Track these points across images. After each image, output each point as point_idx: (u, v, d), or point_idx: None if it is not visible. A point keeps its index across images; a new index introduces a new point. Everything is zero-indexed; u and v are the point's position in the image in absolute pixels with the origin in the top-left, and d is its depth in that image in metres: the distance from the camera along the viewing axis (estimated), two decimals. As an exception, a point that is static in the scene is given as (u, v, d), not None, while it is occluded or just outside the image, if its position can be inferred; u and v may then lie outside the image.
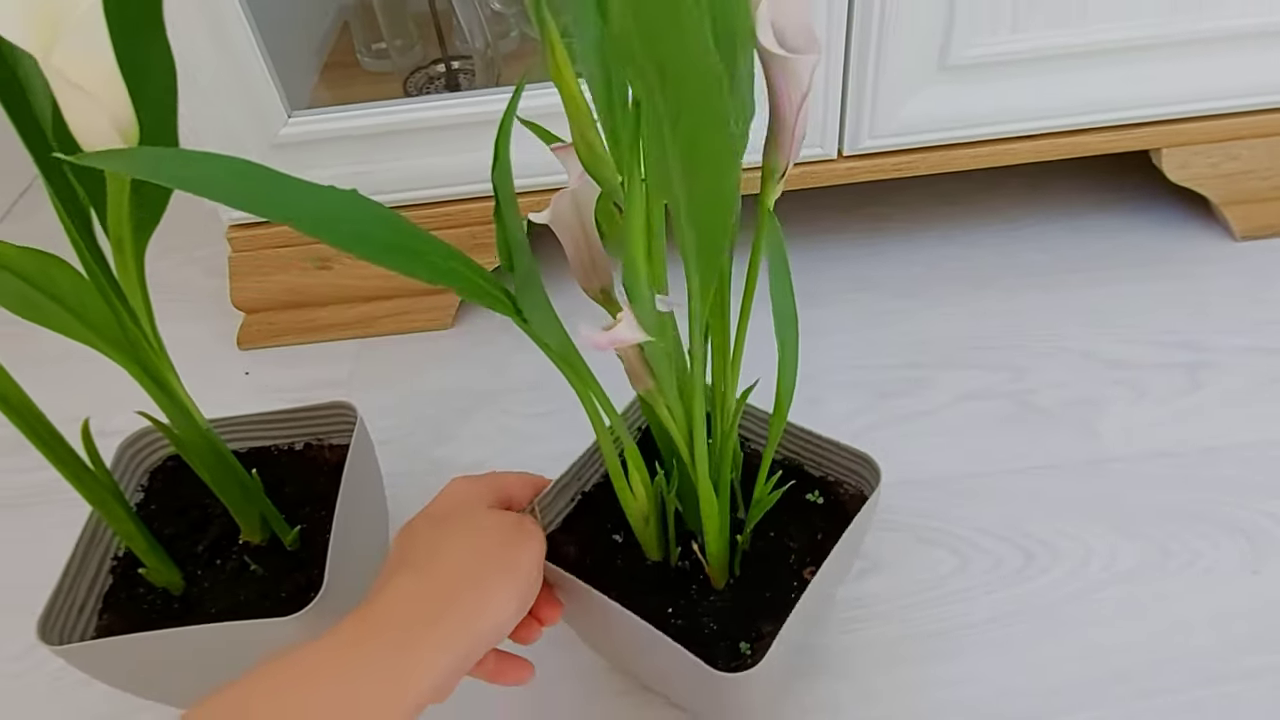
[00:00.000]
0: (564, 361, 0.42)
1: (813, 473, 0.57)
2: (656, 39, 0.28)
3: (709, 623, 0.50)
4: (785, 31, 0.33)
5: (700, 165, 0.32)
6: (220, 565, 0.55)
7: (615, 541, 0.55)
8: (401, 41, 0.93)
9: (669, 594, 0.51)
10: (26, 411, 0.43)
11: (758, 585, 0.52)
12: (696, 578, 0.52)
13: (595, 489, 0.57)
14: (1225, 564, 0.61)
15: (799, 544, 0.53)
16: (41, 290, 0.36)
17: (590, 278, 0.46)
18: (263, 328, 0.86)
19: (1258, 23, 0.72)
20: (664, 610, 0.51)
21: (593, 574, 0.48)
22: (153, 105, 0.35)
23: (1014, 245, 0.90)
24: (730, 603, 0.51)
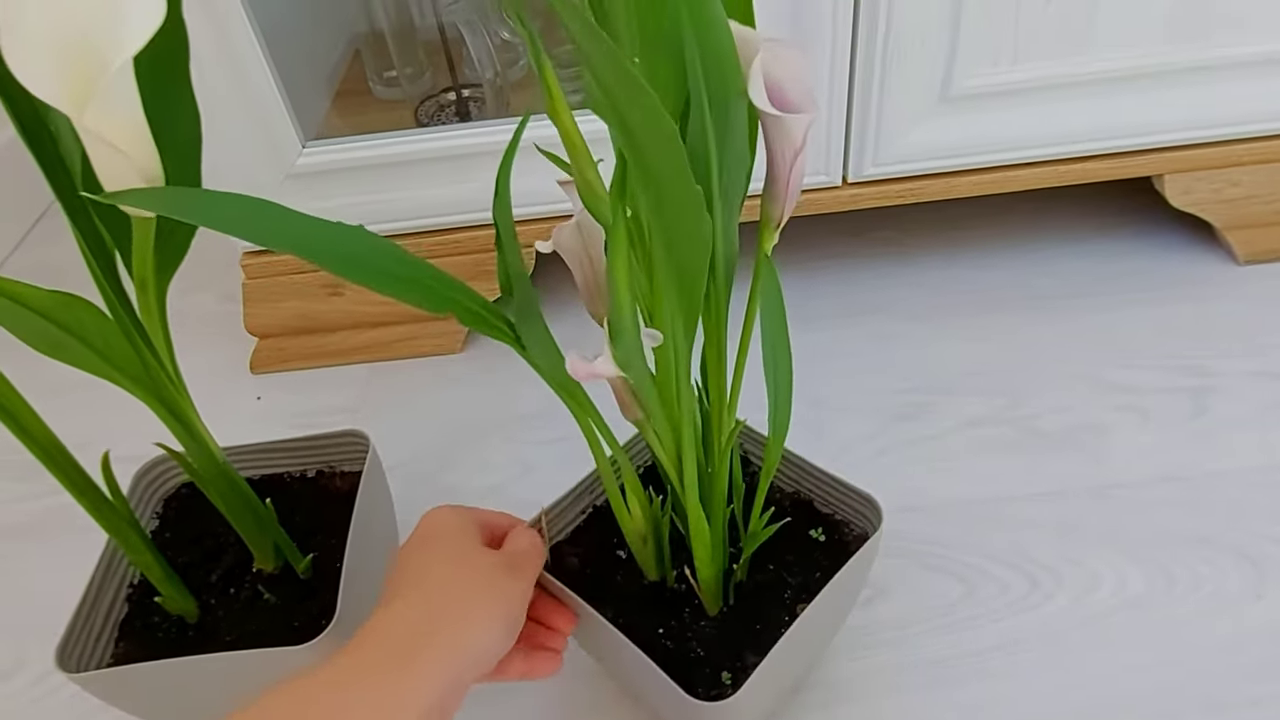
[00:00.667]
0: (562, 389, 0.44)
1: (821, 509, 0.57)
2: (615, 99, 0.30)
3: (696, 648, 0.51)
4: (784, 87, 0.33)
5: (671, 214, 0.34)
6: (234, 594, 0.56)
7: (619, 558, 0.56)
8: (412, 70, 0.94)
9: (662, 615, 0.52)
10: (47, 442, 0.44)
11: (749, 616, 0.52)
12: (691, 602, 0.53)
13: (607, 504, 0.58)
14: (1230, 590, 0.62)
15: (796, 580, 0.53)
16: (67, 330, 0.38)
17: (596, 303, 0.48)
18: (275, 353, 0.88)
19: (1258, 51, 0.73)
20: (655, 630, 0.51)
21: (592, 587, 0.49)
22: (178, 155, 0.36)
23: (1018, 269, 0.90)
24: (720, 631, 0.52)
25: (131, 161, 0.30)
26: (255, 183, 0.77)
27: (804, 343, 0.83)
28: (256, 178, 0.76)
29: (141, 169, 0.31)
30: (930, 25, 0.70)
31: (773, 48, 0.32)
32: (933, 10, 0.69)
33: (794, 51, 0.33)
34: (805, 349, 0.83)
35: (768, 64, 0.33)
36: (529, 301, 0.41)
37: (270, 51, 0.71)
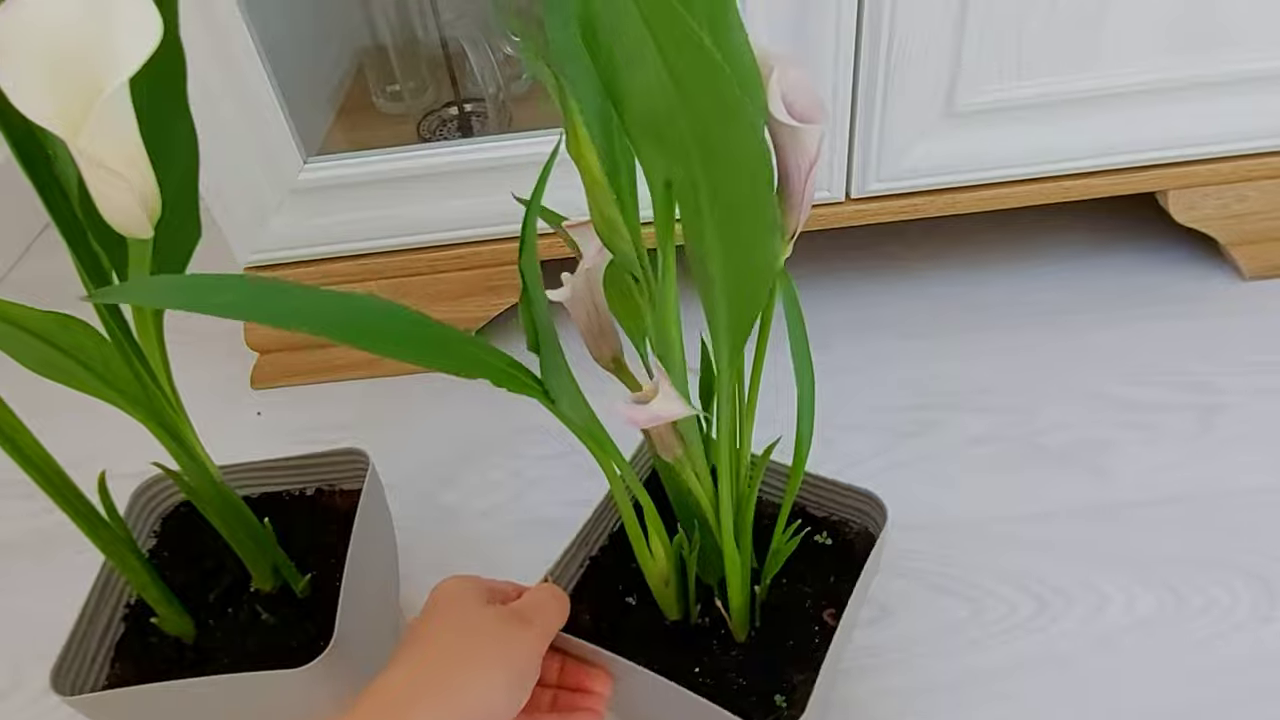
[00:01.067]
0: (589, 437, 0.43)
1: (816, 514, 0.57)
2: (702, 121, 0.29)
3: (736, 678, 0.50)
4: (794, 103, 0.33)
5: (739, 241, 0.33)
6: (232, 614, 0.55)
7: (629, 604, 0.54)
8: (415, 84, 0.94)
9: (692, 652, 0.51)
10: (43, 464, 0.44)
11: (779, 635, 0.52)
12: (717, 633, 0.52)
13: (602, 552, 0.57)
14: (1241, 611, 0.61)
15: (814, 588, 0.53)
16: (65, 352, 0.37)
17: (601, 346, 0.47)
18: (275, 368, 0.87)
19: (1264, 67, 0.72)
20: (689, 670, 0.50)
21: (611, 639, 0.48)
22: (175, 177, 0.36)
23: (1023, 284, 0.90)
24: (755, 655, 0.51)
25: (128, 183, 0.30)
26: (258, 198, 0.76)
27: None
28: (259, 193, 0.76)
29: (138, 191, 0.31)
30: (933, 41, 0.69)
31: (781, 64, 0.33)
32: (936, 26, 0.69)
33: (799, 68, 0.34)
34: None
35: (780, 79, 0.33)
36: (555, 355, 0.40)
37: (272, 66, 0.71)
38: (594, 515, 0.57)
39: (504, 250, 0.82)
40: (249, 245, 0.80)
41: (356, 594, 0.53)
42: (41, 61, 0.27)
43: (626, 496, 0.46)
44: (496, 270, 0.82)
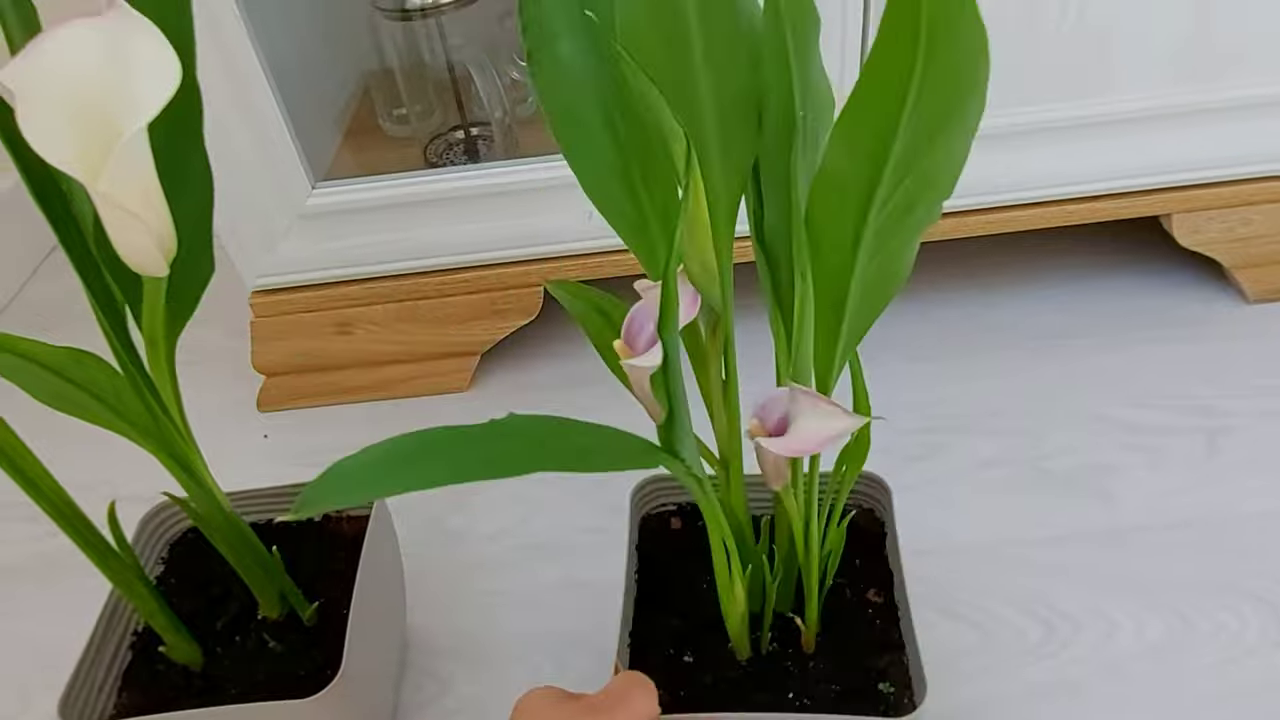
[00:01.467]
0: (697, 483, 0.41)
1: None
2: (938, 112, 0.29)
3: (829, 686, 0.49)
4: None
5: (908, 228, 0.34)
6: (239, 642, 0.55)
7: (687, 663, 0.52)
8: (421, 107, 0.95)
9: (777, 682, 0.50)
10: (53, 494, 0.44)
11: (843, 631, 0.52)
12: (787, 655, 0.51)
13: (636, 623, 0.54)
14: (1251, 637, 0.61)
15: (846, 577, 0.54)
16: (78, 385, 0.37)
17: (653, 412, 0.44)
18: (282, 391, 0.87)
19: (1266, 93, 0.73)
20: (785, 698, 0.49)
21: (696, 705, 0.47)
22: (189, 215, 0.36)
23: (1029, 307, 0.90)
24: (832, 659, 0.51)
25: (145, 224, 0.30)
26: (266, 223, 0.77)
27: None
28: (267, 217, 0.77)
29: (155, 232, 0.31)
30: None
31: None
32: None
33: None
34: (814, 388, 0.83)
35: None
36: (685, 423, 0.39)
37: (281, 91, 0.72)
38: (627, 590, 0.54)
39: (510, 274, 0.82)
40: (257, 269, 0.80)
41: (364, 623, 0.53)
42: (61, 107, 0.28)
43: (721, 542, 0.45)
44: (502, 294, 0.83)
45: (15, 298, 1.10)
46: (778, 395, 0.38)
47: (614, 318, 0.46)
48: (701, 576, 0.55)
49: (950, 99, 0.29)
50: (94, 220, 0.33)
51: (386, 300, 0.83)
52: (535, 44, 0.35)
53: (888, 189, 0.32)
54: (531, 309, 0.84)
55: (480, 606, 0.69)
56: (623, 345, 0.39)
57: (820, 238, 0.35)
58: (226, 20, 0.66)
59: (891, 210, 0.32)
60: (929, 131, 0.30)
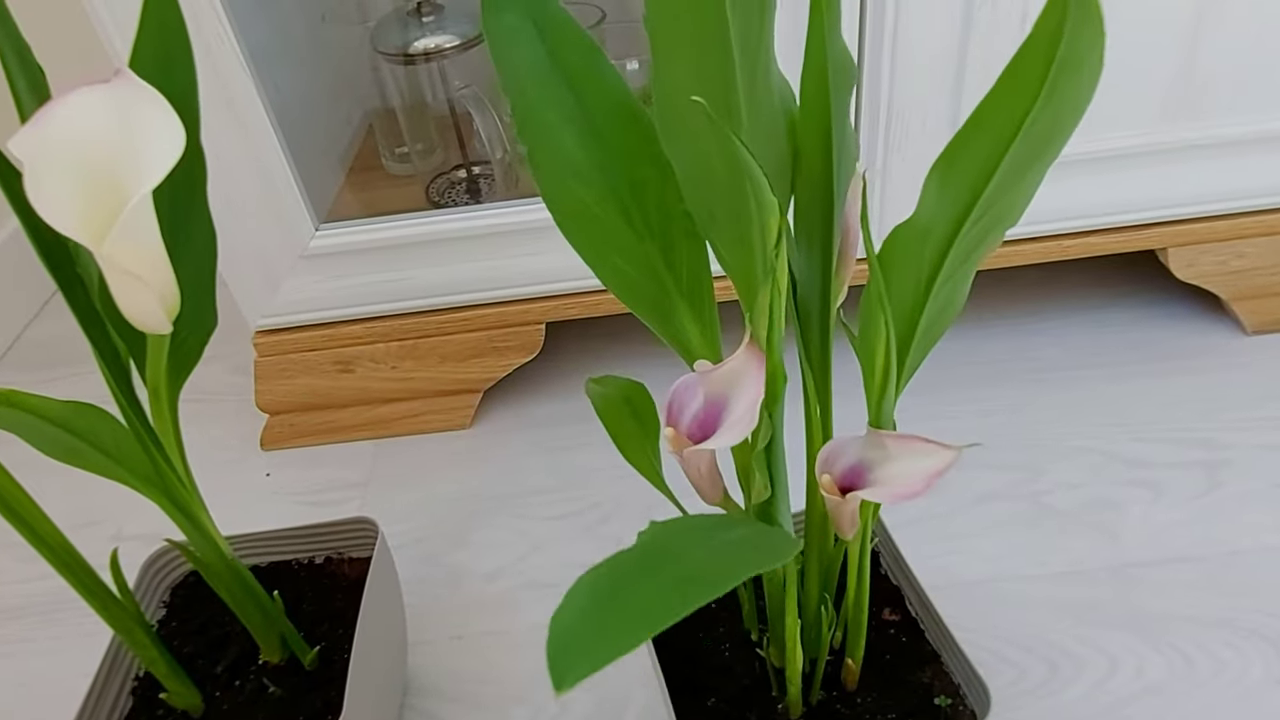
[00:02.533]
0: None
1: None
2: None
3: (887, 715, 0.49)
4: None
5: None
6: (239, 686, 0.55)
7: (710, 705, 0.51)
8: (423, 146, 0.96)
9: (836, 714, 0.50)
10: (55, 543, 0.44)
11: (872, 659, 0.51)
12: (833, 699, 0.50)
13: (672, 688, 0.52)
14: (1254, 675, 0.61)
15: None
16: (81, 438, 0.38)
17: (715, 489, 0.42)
18: (285, 429, 0.88)
19: (1253, 130, 0.74)
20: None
21: None
22: (192, 272, 0.37)
23: (1027, 340, 0.91)
24: (877, 689, 0.50)
25: (150, 287, 0.31)
26: (270, 264, 0.78)
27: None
28: (271, 259, 0.78)
29: (158, 291, 0.31)
30: (931, 107, 0.71)
31: None
32: (932, 92, 0.70)
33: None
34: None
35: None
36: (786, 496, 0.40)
37: (285, 136, 0.73)
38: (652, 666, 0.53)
39: (510, 313, 0.83)
40: (260, 309, 0.81)
41: (365, 668, 0.53)
42: (69, 174, 0.28)
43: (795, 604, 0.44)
44: (501, 332, 0.83)
45: (20, 337, 1.11)
46: (839, 445, 0.36)
47: (636, 405, 0.45)
48: (717, 645, 0.54)
49: (1054, 136, 0.29)
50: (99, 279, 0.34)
51: (388, 339, 0.84)
52: (534, 141, 0.35)
53: (969, 226, 0.32)
54: (532, 347, 0.85)
55: (481, 647, 0.69)
56: (676, 435, 0.36)
57: (893, 281, 0.35)
58: (233, 69, 0.68)
59: (966, 245, 0.32)
60: (1022, 169, 0.30)
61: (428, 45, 0.84)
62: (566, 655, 0.24)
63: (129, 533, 0.81)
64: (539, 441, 0.86)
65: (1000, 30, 0.67)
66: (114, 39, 0.65)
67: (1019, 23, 0.67)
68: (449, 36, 0.84)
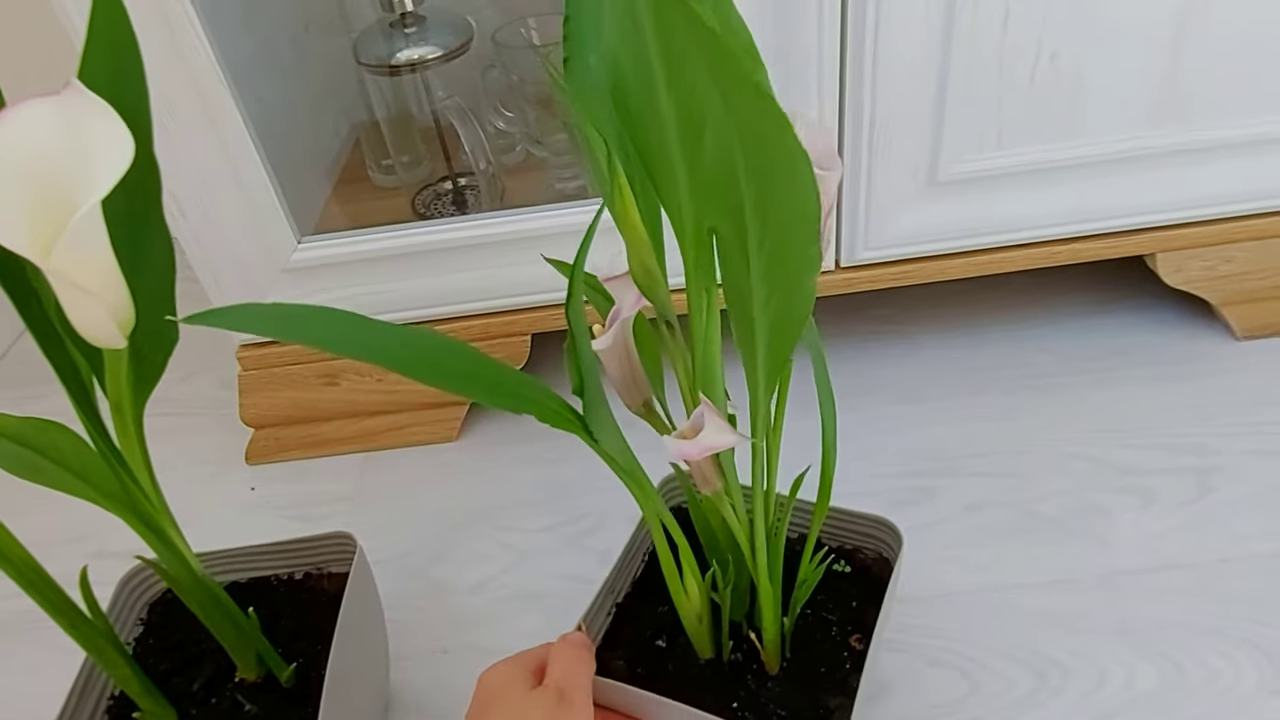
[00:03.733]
0: (629, 477, 0.45)
1: (830, 543, 0.59)
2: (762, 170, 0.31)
3: (776, 710, 0.50)
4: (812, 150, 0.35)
5: (785, 282, 0.36)
6: (215, 704, 0.55)
7: (660, 647, 0.55)
8: (409, 158, 0.96)
9: (729, 689, 0.52)
10: (22, 563, 0.44)
11: (811, 663, 0.53)
12: (750, 668, 0.53)
13: (628, 599, 0.58)
14: (1246, 685, 0.60)
15: (837, 615, 0.55)
16: (45, 456, 0.37)
17: (634, 393, 0.49)
18: (270, 443, 0.87)
19: (1240, 133, 0.73)
20: (729, 706, 0.51)
21: (647, 683, 0.49)
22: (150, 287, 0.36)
23: (1015, 346, 0.90)
24: (791, 685, 0.52)
25: (101, 302, 0.30)
26: (252, 277, 0.77)
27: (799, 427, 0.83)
28: (253, 273, 0.77)
29: (112, 308, 0.31)
30: (914, 114, 0.70)
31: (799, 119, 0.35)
32: (916, 99, 0.70)
33: (813, 120, 0.38)
34: (800, 433, 0.82)
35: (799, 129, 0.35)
36: (599, 398, 0.42)
37: (266, 149, 0.73)
38: (619, 563, 0.58)
39: (496, 323, 0.82)
40: (243, 323, 0.80)
41: (342, 684, 0.52)
42: (15, 188, 0.28)
43: (663, 536, 0.48)
44: (487, 343, 0.83)
45: (6, 354, 1.11)
46: (703, 410, 0.40)
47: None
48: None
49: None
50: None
51: (373, 351, 0.83)
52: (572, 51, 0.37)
53: (755, 239, 0.34)
54: (519, 358, 0.84)
55: (465, 661, 0.68)
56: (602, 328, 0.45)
57: (726, 280, 0.37)
58: (210, 81, 0.67)
59: (767, 258, 0.35)
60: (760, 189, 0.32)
61: (410, 56, 0.84)
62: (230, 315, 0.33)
63: (111, 549, 0.80)
64: (525, 454, 0.85)
65: (982, 32, 0.67)
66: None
67: (1000, 24, 0.67)
68: (431, 47, 0.84)
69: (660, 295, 0.41)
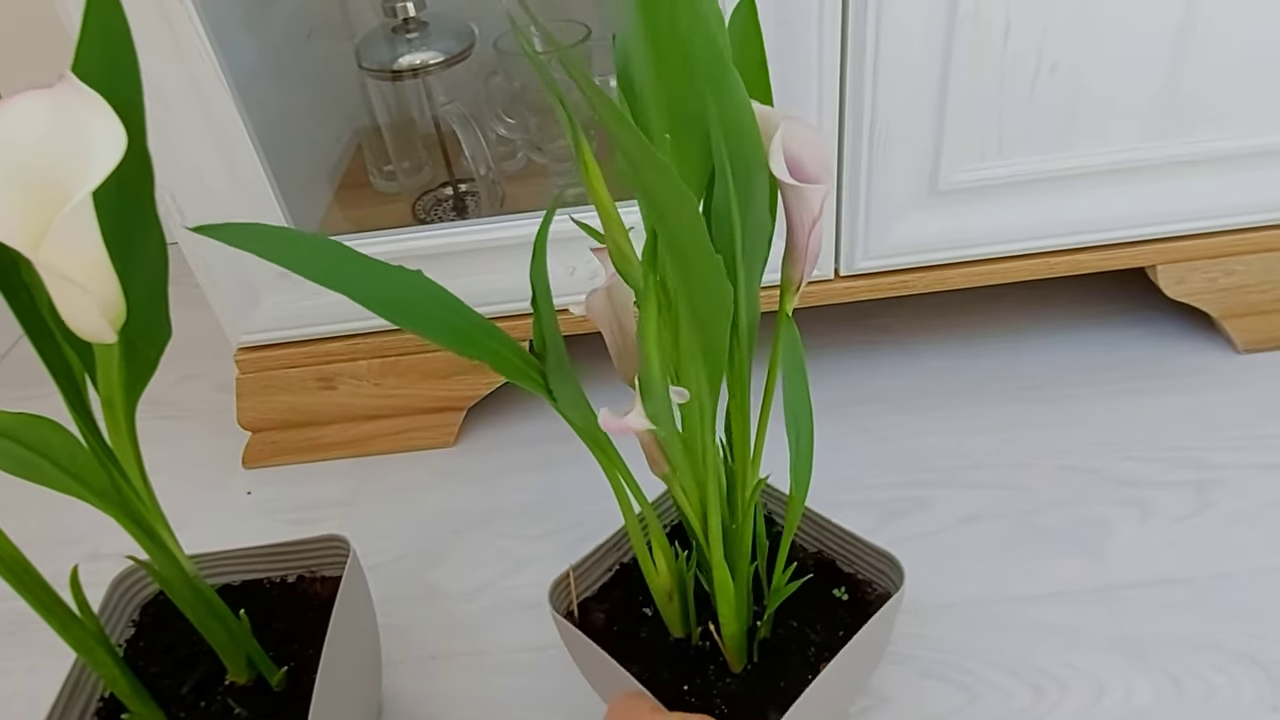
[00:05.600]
0: (591, 440, 0.46)
1: (843, 569, 0.58)
2: (644, 178, 0.32)
3: (720, 704, 0.51)
4: (801, 160, 0.35)
5: (695, 280, 0.37)
6: (205, 707, 0.54)
7: (645, 615, 0.56)
8: (410, 164, 0.96)
9: (687, 672, 0.53)
10: (13, 562, 0.43)
11: (773, 673, 0.52)
12: (715, 659, 0.53)
13: (633, 560, 0.59)
14: (1245, 700, 0.59)
15: (820, 638, 0.54)
16: (36, 452, 0.37)
17: (626, 365, 0.49)
18: (266, 447, 0.87)
19: (1238, 145, 0.73)
20: (679, 687, 0.51)
21: (618, 643, 0.50)
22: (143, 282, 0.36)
23: (1015, 357, 0.90)
24: (744, 688, 0.52)
25: (91, 295, 0.30)
26: (249, 280, 0.77)
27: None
28: (250, 275, 0.77)
29: (102, 302, 0.31)
30: (915, 122, 0.70)
31: (791, 124, 0.35)
32: (917, 108, 0.70)
33: (810, 128, 0.36)
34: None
35: (787, 139, 0.35)
36: (561, 359, 0.43)
37: (267, 154, 0.73)
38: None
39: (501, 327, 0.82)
40: (241, 326, 0.80)
41: (333, 689, 0.52)
42: (8, 180, 0.28)
43: (632, 509, 0.49)
44: (486, 348, 0.83)
45: (8, 354, 1.11)
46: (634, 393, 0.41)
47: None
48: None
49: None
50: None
51: (370, 356, 0.83)
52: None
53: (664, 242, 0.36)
54: (516, 363, 0.84)
55: (458, 667, 0.68)
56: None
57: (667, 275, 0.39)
58: (213, 85, 0.67)
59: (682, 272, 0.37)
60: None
61: (412, 61, 0.84)
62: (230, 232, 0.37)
63: (105, 551, 0.80)
64: (522, 461, 0.85)
65: (983, 42, 0.67)
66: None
67: (1002, 35, 0.67)
68: (433, 53, 0.84)
69: (631, 275, 0.42)
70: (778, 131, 0.35)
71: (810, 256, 0.42)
